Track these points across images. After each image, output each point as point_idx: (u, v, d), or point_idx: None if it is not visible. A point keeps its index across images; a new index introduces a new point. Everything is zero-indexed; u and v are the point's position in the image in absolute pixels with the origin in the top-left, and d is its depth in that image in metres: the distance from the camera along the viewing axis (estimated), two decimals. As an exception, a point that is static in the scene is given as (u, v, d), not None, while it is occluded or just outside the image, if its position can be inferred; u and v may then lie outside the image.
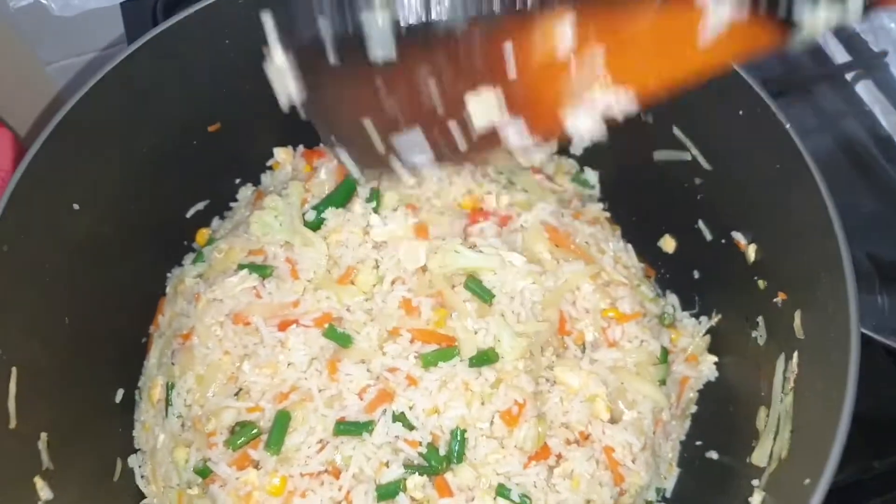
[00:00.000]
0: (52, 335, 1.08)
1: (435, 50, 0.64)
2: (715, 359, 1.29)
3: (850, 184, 1.54)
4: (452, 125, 0.68)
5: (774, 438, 1.05)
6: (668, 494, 1.27)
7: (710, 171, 1.19)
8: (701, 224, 1.26)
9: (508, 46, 0.63)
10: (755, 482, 1.04)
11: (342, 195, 1.28)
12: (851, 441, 1.32)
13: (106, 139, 1.13)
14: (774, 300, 1.10)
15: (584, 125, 0.67)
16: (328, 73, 0.67)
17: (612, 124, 0.67)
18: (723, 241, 1.21)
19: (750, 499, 1.02)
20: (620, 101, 0.66)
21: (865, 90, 1.55)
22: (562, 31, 0.61)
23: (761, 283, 1.13)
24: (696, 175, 1.21)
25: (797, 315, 1.04)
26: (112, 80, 1.11)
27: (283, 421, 1.13)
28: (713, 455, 1.23)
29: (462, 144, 0.70)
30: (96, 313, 1.17)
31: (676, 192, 1.26)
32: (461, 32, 0.62)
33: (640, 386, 1.22)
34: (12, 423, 0.96)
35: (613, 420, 1.19)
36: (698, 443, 1.28)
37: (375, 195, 1.27)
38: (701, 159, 1.19)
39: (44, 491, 0.97)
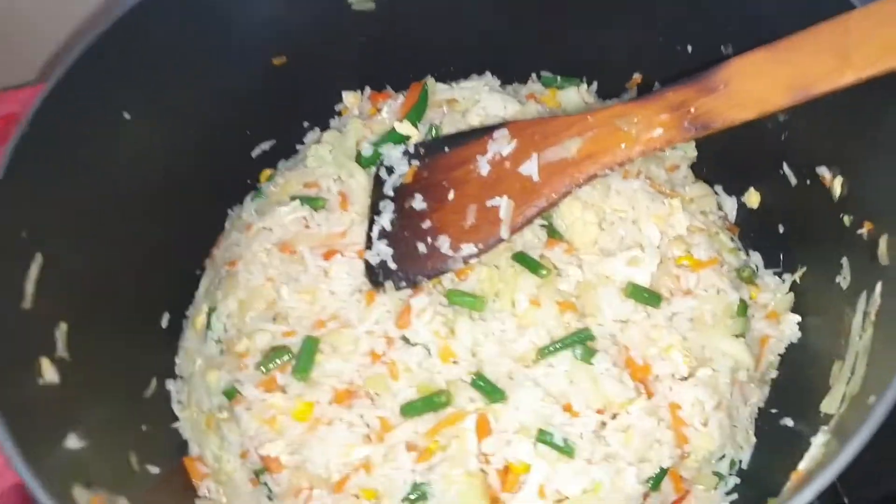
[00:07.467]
0: (90, 238, 1.08)
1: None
2: (798, 318, 1.14)
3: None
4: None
5: (847, 382, 0.91)
6: (744, 466, 1.12)
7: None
8: (785, 168, 1.14)
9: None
10: (824, 428, 0.89)
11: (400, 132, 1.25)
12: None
13: (170, 50, 1.14)
14: (859, 232, 0.96)
15: None
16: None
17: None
18: (807, 181, 1.09)
19: (812, 438, 0.87)
20: None
21: None
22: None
23: (846, 220, 1.00)
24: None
25: (882, 241, 0.91)
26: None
27: (310, 347, 1.09)
28: (788, 422, 1.07)
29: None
30: (149, 234, 1.18)
31: (760, 135, 1.13)
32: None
33: (717, 341, 1.10)
34: (27, 304, 0.95)
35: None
36: (773, 410, 1.13)
37: (435, 131, 1.24)
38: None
39: (49, 372, 0.94)
